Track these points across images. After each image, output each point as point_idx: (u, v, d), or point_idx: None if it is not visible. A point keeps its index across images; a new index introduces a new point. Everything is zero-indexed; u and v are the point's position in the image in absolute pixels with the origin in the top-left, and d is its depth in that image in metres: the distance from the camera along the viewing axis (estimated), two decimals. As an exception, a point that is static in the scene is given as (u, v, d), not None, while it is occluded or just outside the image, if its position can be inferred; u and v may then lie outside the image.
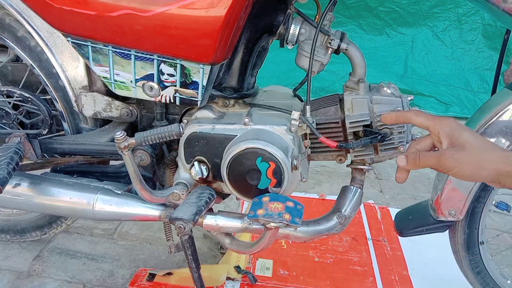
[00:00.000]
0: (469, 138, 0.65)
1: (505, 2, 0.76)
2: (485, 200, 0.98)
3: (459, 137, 0.66)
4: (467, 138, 0.65)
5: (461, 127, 0.67)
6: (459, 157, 0.64)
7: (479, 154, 0.64)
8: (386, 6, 2.64)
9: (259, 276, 1.24)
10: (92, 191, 0.94)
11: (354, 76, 0.90)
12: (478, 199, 0.97)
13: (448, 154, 0.65)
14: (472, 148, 0.64)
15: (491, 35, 2.62)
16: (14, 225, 1.28)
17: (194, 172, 0.90)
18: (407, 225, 1.07)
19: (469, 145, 0.65)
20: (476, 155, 0.64)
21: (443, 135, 0.67)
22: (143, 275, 1.22)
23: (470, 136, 0.65)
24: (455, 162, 0.65)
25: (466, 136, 0.65)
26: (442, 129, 0.68)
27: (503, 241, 1.42)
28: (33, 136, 0.98)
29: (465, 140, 0.65)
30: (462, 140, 0.65)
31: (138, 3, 0.75)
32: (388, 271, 1.31)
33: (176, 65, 0.82)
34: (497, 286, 1.06)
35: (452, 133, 0.66)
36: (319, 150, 0.94)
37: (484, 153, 0.64)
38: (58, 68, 0.95)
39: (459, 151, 0.65)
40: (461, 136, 0.65)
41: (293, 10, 0.90)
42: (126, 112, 0.98)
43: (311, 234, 0.92)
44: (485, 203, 0.98)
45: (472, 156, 0.64)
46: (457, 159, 0.64)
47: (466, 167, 0.64)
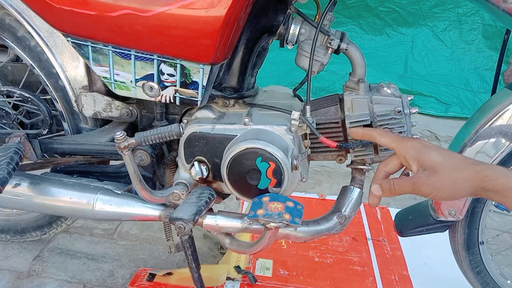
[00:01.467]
0: (438, 159, 0.63)
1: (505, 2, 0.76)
2: (485, 200, 0.98)
3: (426, 159, 0.64)
4: (435, 160, 0.64)
5: (425, 148, 0.65)
6: (433, 182, 0.63)
7: (452, 174, 0.62)
8: (386, 6, 2.64)
9: (259, 276, 1.24)
10: (92, 191, 0.94)
11: (354, 76, 0.90)
12: (478, 199, 0.97)
13: (422, 180, 0.64)
14: (443, 170, 0.63)
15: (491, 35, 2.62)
16: (14, 225, 1.28)
17: (194, 172, 0.90)
18: (407, 225, 1.07)
19: (440, 167, 0.63)
20: (449, 176, 0.62)
21: (410, 158, 0.66)
22: (143, 275, 1.22)
23: (438, 157, 0.64)
24: (430, 188, 0.63)
25: (434, 157, 0.64)
26: (407, 152, 0.67)
27: (503, 241, 1.42)
28: (33, 136, 0.98)
29: (434, 162, 0.64)
30: (431, 163, 0.64)
31: (138, 3, 0.75)
32: (388, 271, 1.31)
33: (176, 65, 0.82)
34: (497, 286, 1.07)
35: (418, 156, 0.65)
36: (319, 150, 0.94)
37: (457, 172, 0.62)
38: (58, 68, 0.95)
39: (432, 175, 0.63)
40: (429, 158, 0.64)
41: (293, 10, 0.90)
42: (126, 112, 0.98)
43: (311, 234, 0.92)
44: (485, 203, 0.98)
45: (445, 178, 0.63)
46: (431, 185, 0.63)
47: (442, 190, 0.63)
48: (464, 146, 0.91)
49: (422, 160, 0.65)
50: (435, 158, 0.64)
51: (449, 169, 0.63)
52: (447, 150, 0.66)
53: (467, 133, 0.91)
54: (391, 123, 0.86)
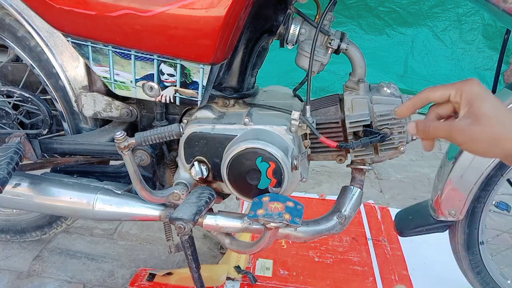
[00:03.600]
0: (488, 111, 0.58)
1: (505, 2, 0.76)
2: (485, 200, 0.98)
3: (478, 107, 0.58)
4: (485, 111, 0.58)
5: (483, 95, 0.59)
6: (471, 133, 0.58)
7: (494, 131, 0.57)
8: (386, 6, 2.64)
9: (259, 276, 1.24)
10: (92, 191, 0.94)
11: (354, 76, 0.90)
12: (478, 199, 0.97)
13: (460, 128, 0.59)
14: (488, 124, 0.58)
15: (491, 35, 2.62)
16: (14, 225, 1.28)
17: (194, 172, 0.90)
18: (407, 225, 1.07)
19: (486, 120, 0.58)
20: (490, 132, 0.57)
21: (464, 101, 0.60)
22: (143, 275, 1.22)
23: (490, 108, 0.58)
24: (466, 137, 0.59)
25: (486, 108, 0.58)
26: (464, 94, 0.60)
27: (503, 241, 1.42)
28: (33, 136, 0.98)
29: (483, 114, 0.58)
30: (480, 113, 0.58)
31: (138, 3, 0.75)
32: (388, 271, 1.31)
33: (176, 65, 0.82)
34: (497, 286, 1.06)
35: (472, 101, 0.59)
36: (319, 150, 0.94)
37: (501, 130, 0.57)
38: (58, 68, 0.95)
39: (473, 125, 0.58)
40: (481, 107, 0.58)
41: (293, 10, 0.90)
42: (126, 112, 0.98)
43: (311, 234, 0.92)
44: (485, 203, 0.98)
45: (485, 133, 0.58)
46: (469, 135, 0.59)
47: (478, 144, 0.59)
48: (464, 146, 0.91)
49: (473, 106, 0.59)
50: (486, 109, 0.58)
51: (494, 125, 0.58)
52: (504, 106, 0.59)
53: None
54: (391, 123, 0.86)
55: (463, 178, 0.94)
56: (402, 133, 0.87)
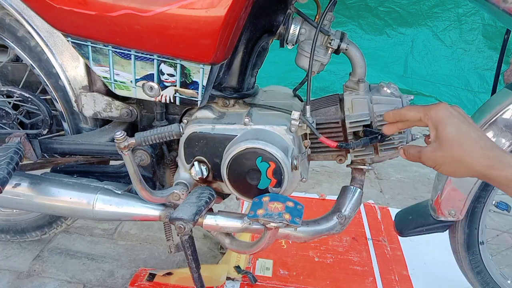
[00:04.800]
0: (451, 134, 0.62)
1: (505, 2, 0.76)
2: (485, 200, 0.98)
3: (441, 132, 0.63)
4: (448, 134, 0.63)
5: (446, 119, 0.63)
6: (436, 158, 0.64)
7: (456, 154, 0.62)
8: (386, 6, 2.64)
9: (259, 276, 1.24)
10: (92, 191, 0.94)
11: (354, 76, 0.90)
12: (478, 199, 0.97)
13: (427, 154, 0.65)
14: (449, 148, 0.62)
15: (491, 35, 2.63)
16: (14, 225, 1.28)
17: (194, 172, 0.90)
18: (407, 225, 1.07)
19: (447, 143, 0.63)
20: (452, 156, 0.62)
21: (431, 126, 0.66)
22: (143, 275, 1.22)
23: (452, 132, 0.62)
24: (432, 162, 0.65)
25: (447, 132, 0.63)
26: (430, 120, 0.66)
27: (503, 241, 1.42)
28: (33, 136, 0.98)
29: (446, 137, 0.63)
30: (442, 137, 0.63)
31: (138, 3, 0.75)
32: (388, 271, 1.31)
33: (176, 65, 0.82)
34: (497, 286, 1.06)
35: (436, 125, 0.64)
36: (319, 150, 0.94)
37: (462, 153, 0.62)
38: (58, 68, 0.95)
39: (437, 150, 0.64)
40: (443, 132, 0.63)
41: (293, 10, 0.90)
42: (126, 112, 0.98)
43: (311, 234, 0.92)
44: (485, 203, 0.98)
45: (448, 157, 0.63)
46: (434, 160, 0.64)
47: (445, 167, 0.64)
48: (464, 146, 0.91)
49: (438, 131, 0.64)
50: (448, 133, 0.63)
51: (455, 148, 0.62)
52: (469, 126, 0.63)
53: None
54: (391, 123, 0.86)
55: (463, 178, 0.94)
56: (402, 133, 0.87)
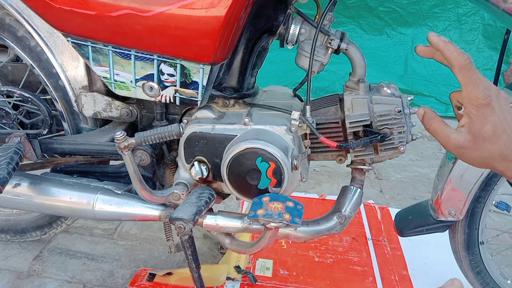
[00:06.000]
0: (486, 134, 0.59)
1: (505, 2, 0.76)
2: (485, 200, 0.98)
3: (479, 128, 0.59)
4: (484, 134, 0.59)
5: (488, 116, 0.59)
6: (464, 151, 0.60)
7: (484, 155, 0.60)
8: (386, 6, 2.64)
9: (259, 276, 1.24)
10: (92, 191, 0.94)
11: (354, 76, 0.90)
12: (478, 199, 0.97)
13: (456, 143, 0.60)
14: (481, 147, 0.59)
15: (491, 35, 2.63)
16: (14, 225, 1.28)
17: (194, 172, 0.90)
18: (407, 225, 1.07)
19: (482, 141, 0.59)
20: (480, 155, 0.60)
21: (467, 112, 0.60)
22: (143, 275, 1.22)
23: (487, 132, 0.59)
24: (458, 154, 0.61)
25: (485, 131, 0.59)
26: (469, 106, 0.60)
27: (503, 241, 1.42)
28: (33, 136, 0.98)
29: (481, 136, 0.59)
30: (479, 133, 0.59)
31: (138, 3, 0.75)
32: (388, 271, 1.31)
33: (176, 65, 0.82)
34: (497, 286, 1.07)
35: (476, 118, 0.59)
36: (319, 150, 0.94)
37: (490, 158, 0.59)
38: (58, 68, 0.95)
39: (469, 144, 0.60)
40: (481, 129, 0.59)
41: (293, 10, 0.90)
42: (126, 112, 0.98)
43: (311, 234, 0.92)
44: (485, 203, 0.98)
45: (476, 155, 0.60)
46: (461, 153, 0.61)
47: (468, 161, 0.62)
48: (464, 146, 0.91)
49: (474, 124, 0.60)
50: (486, 132, 0.59)
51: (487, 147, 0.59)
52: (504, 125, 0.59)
53: (467, 133, 0.91)
54: (391, 123, 0.86)
55: (463, 178, 0.94)
56: (402, 133, 0.87)
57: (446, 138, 0.62)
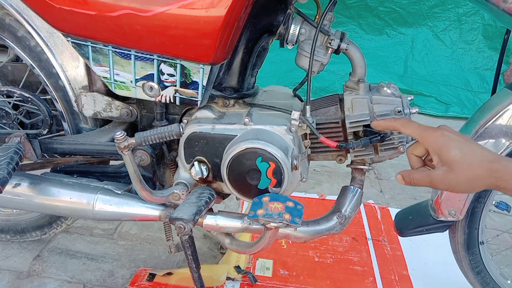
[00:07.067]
0: (456, 156, 0.65)
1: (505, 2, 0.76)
2: (485, 200, 0.98)
3: (447, 156, 0.66)
4: (454, 158, 0.65)
5: (447, 142, 0.66)
6: (449, 181, 0.66)
7: (467, 173, 0.65)
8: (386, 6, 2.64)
9: (259, 276, 1.24)
10: (92, 191, 0.94)
11: (354, 76, 0.90)
12: (478, 199, 0.97)
13: (439, 178, 0.67)
14: (460, 168, 0.65)
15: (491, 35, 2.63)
16: (14, 225, 1.28)
17: (194, 172, 0.90)
18: (407, 225, 1.07)
19: (457, 165, 0.65)
20: (464, 175, 0.65)
21: (432, 152, 0.68)
22: (143, 275, 1.22)
23: (457, 154, 0.65)
24: (446, 185, 0.67)
25: (453, 154, 0.65)
26: (430, 146, 0.68)
27: (503, 241, 1.42)
28: (33, 136, 0.98)
29: (452, 160, 0.65)
30: (449, 160, 0.66)
31: (138, 3, 0.75)
32: (388, 271, 1.31)
33: (176, 65, 0.82)
34: (497, 286, 1.06)
35: (440, 151, 0.67)
36: (319, 150, 0.94)
37: (472, 171, 0.64)
38: (58, 68, 0.95)
39: (448, 173, 0.66)
40: (449, 156, 0.66)
41: (293, 10, 0.90)
42: (126, 112, 0.98)
43: (311, 234, 0.92)
44: (485, 203, 0.98)
45: (460, 177, 0.65)
46: (447, 183, 0.66)
47: (458, 187, 0.66)
48: (464, 146, 0.91)
49: (442, 156, 0.66)
50: (454, 156, 0.65)
51: (465, 168, 0.65)
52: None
53: (467, 133, 0.91)
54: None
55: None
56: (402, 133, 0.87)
57: (429, 180, 0.69)
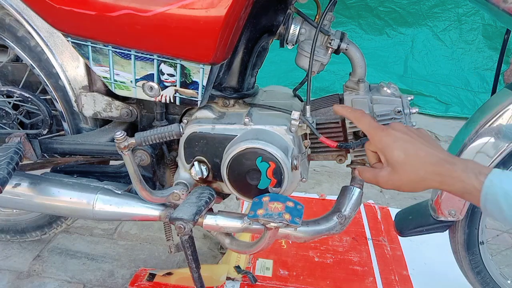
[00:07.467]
0: (400, 158, 0.66)
1: (505, 2, 0.76)
2: (485, 200, 0.98)
3: (389, 157, 0.67)
4: (397, 159, 0.66)
5: (392, 143, 0.67)
6: (393, 181, 0.67)
7: (410, 175, 0.65)
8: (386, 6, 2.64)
9: (259, 276, 1.24)
10: (92, 191, 0.94)
11: (354, 76, 0.90)
12: (478, 199, 0.97)
13: (384, 178, 0.68)
14: (403, 170, 0.65)
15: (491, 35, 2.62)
16: (14, 225, 1.28)
17: (194, 172, 0.90)
18: (407, 225, 1.07)
19: (400, 166, 0.66)
20: (407, 176, 0.65)
21: (378, 151, 0.70)
22: (143, 275, 1.22)
23: (400, 155, 0.66)
24: (390, 185, 0.68)
25: (396, 156, 0.66)
26: (376, 145, 0.70)
27: (503, 241, 1.42)
28: (33, 136, 0.98)
29: (396, 162, 0.66)
30: (393, 162, 0.66)
31: (138, 3, 0.75)
32: (388, 271, 1.31)
33: (176, 65, 0.82)
34: (497, 286, 1.07)
35: (384, 151, 0.68)
36: (319, 150, 0.94)
37: (415, 173, 0.65)
38: (58, 68, 0.95)
39: (392, 174, 0.67)
40: (392, 156, 0.66)
41: (293, 10, 0.90)
42: (126, 112, 0.98)
43: (311, 234, 0.92)
44: (485, 203, 0.98)
45: (403, 178, 0.66)
46: (391, 184, 0.67)
47: (402, 188, 0.67)
48: (464, 146, 0.91)
49: (386, 157, 0.68)
50: (397, 157, 0.66)
51: (408, 170, 0.65)
52: (415, 144, 0.66)
53: (467, 133, 0.91)
54: (391, 123, 0.86)
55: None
56: None
57: (375, 179, 0.70)
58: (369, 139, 0.72)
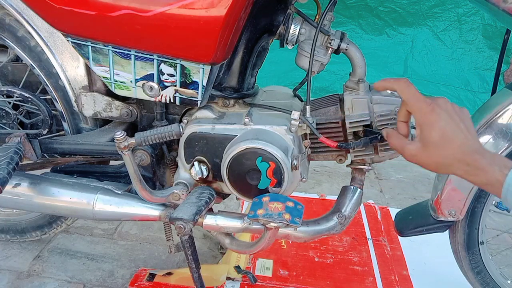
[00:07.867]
0: (434, 139, 0.65)
1: (505, 2, 0.76)
2: (485, 200, 0.98)
3: (427, 135, 0.66)
4: (432, 139, 0.65)
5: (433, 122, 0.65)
6: (419, 158, 0.67)
7: (439, 159, 0.65)
8: (386, 6, 2.64)
9: (259, 276, 1.24)
10: (92, 191, 0.94)
11: (354, 76, 0.90)
12: (478, 199, 0.97)
13: (411, 152, 0.68)
14: (434, 151, 0.65)
15: (491, 35, 2.62)
16: (14, 225, 1.28)
17: (194, 172, 0.90)
18: (407, 225, 1.06)
19: (432, 147, 0.65)
20: (435, 159, 0.65)
21: (417, 123, 0.68)
22: (143, 275, 1.22)
23: (437, 136, 0.65)
24: (415, 160, 0.68)
25: (433, 135, 0.65)
26: (417, 117, 0.68)
27: (503, 241, 1.42)
28: (33, 136, 0.98)
29: (430, 141, 0.65)
30: (427, 139, 0.65)
31: (138, 3, 0.75)
32: (388, 271, 1.31)
33: (176, 65, 0.82)
34: (497, 286, 1.07)
35: (423, 126, 0.66)
36: (319, 150, 0.94)
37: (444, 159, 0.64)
38: (58, 68, 0.95)
39: (421, 150, 0.66)
40: (429, 135, 0.65)
41: (293, 10, 0.90)
42: (126, 112, 0.98)
43: (311, 234, 0.92)
44: (485, 203, 0.98)
45: (431, 158, 0.66)
46: (416, 160, 0.67)
47: (426, 165, 0.67)
48: (464, 146, 0.91)
49: (423, 132, 0.66)
50: (433, 138, 0.65)
51: (439, 153, 0.65)
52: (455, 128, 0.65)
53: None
54: (392, 123, 0.86)
55: (463, 178, 0.93)
56: None
57: (401, 149, 0.70)
58: (411, 110, 0.69)
